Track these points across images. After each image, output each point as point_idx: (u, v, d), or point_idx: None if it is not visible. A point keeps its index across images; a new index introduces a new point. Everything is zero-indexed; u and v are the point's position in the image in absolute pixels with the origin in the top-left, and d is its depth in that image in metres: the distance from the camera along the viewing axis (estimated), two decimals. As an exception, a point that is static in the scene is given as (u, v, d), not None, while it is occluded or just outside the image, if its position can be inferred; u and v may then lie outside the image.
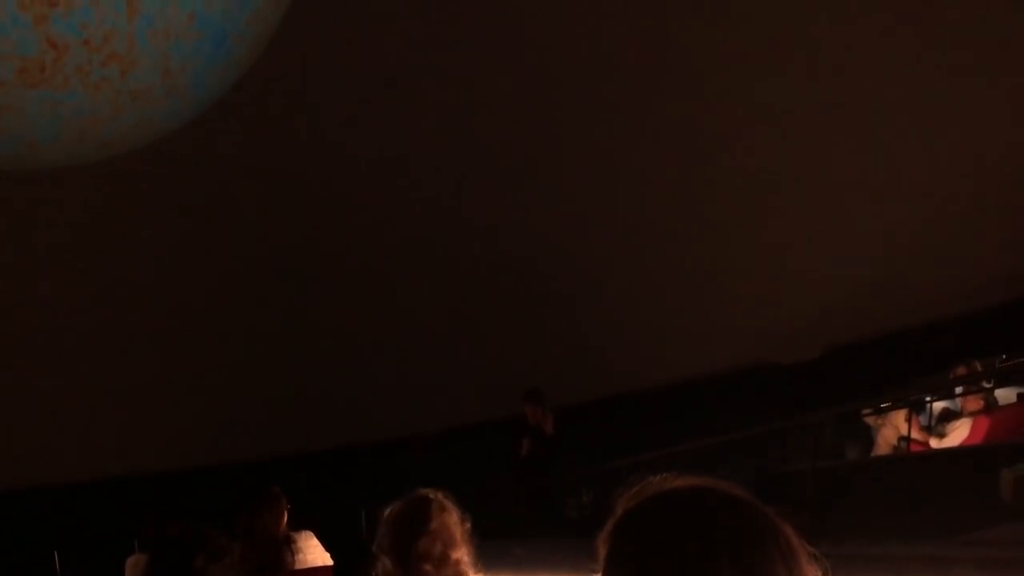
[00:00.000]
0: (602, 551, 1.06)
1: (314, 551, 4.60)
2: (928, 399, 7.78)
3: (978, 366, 7.68)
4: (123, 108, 5.38)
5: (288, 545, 4.43)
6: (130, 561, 5.83)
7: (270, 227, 10.21)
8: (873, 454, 7.91)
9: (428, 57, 9.08)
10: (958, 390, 7.55)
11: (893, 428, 7.67)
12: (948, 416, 7.49)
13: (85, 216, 9.69)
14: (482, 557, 2.70)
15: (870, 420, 8.04)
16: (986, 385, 7.37)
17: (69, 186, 8.77)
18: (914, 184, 9.07)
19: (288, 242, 10.32)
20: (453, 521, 2.66)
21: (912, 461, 7.29)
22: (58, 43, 4.78)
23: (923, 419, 7.69)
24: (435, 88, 9.33)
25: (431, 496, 2.69)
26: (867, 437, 8.11)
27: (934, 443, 7.34)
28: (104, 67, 5.01)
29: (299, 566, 4.43)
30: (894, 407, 7.73)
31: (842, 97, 8.84)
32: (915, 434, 7.43)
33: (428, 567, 2.56)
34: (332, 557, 4.68)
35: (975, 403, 7.20)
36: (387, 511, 2.70)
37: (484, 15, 8.81)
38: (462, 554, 2.63)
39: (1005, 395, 7.41)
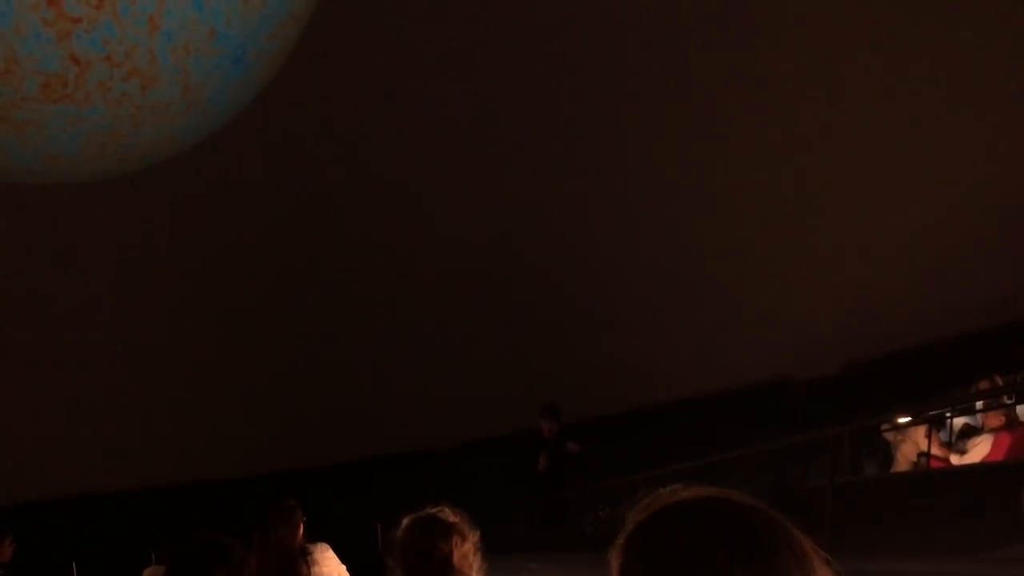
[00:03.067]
0: (615, 564, 1.06)
1: (330, 563, 4.59)
2: (948, 415, 7.71)
3: (999, 381, 7.60)
4: (143, 123, 5.43)
5: (304, 557, 4.43)
6: (147, 572, 5.86)
7: (287, 243, 10.26)
8: (892, 470, 7.83)
9: (449, 77, 9.12)
10: (979, 406, 7.47)
11: (912, 444, 7.59)
12: (969, 432, 7.41)
13: (114, 236, 9.78)
14: (499, 572, 2.67)
15: (889, 436, 7.96)
16: (1008, 401, 7.28)
17: (99, 205, 8.86)
18: (933, 200, 9.02)
19: (306, 259, 10.36)
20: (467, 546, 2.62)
21: (932, 478, 7.21)
22: (81, 59, 4.83)
23: (943, 435, 7.61)
24: (451, 106, 9.36)
25: (445, 519, 2.65)
26: (886, 453, 8.03)
27: (954, 459, 7.25)
28: (125, 82, 5.05)
29: (315, 579, 4.43)
30: (914, 423, 7.66)
31: (861, 119, 8.82)
32: (935, 450, 7.35)
33: None
34: (348, 570, 4.68)
35: (996, 419, 7.11)
36: (400, 530, 2.65)
37: (506, 33, 8.84)
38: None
39: (1027, 411, 7.32)
